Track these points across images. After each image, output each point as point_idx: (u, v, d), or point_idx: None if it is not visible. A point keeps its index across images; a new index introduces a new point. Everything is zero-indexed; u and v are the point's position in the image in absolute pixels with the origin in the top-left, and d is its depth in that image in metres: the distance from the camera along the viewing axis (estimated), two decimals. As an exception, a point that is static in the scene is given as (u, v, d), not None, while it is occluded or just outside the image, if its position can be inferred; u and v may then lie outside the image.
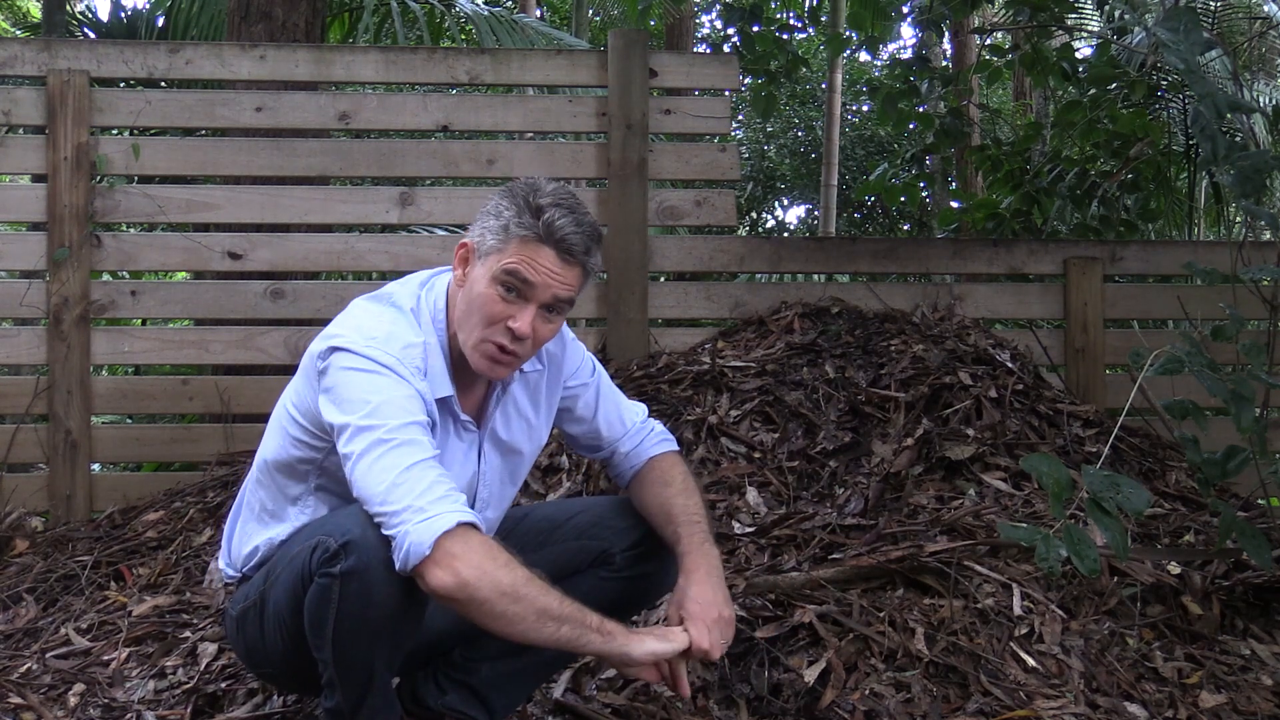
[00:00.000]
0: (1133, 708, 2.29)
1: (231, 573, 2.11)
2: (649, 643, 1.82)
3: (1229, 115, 2.86)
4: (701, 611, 1.90)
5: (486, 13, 6.87)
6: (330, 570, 1.78)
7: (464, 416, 1.98)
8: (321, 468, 1.95)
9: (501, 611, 1.71)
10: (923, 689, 2.28)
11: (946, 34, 7.52)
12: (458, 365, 1.96)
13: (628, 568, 2.10)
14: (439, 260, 3.69)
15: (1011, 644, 2.43)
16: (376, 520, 1.76)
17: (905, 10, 5.72)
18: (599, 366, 2.21)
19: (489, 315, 1.87)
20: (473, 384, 2.02)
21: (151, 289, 4.00)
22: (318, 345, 1.91)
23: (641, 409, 2.24)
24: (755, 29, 5.18)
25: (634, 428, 2.19)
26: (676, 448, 2.22)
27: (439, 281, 2.01)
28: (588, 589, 2.09)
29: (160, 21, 6.66)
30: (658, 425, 2.23)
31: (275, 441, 2.01)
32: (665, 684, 1.90)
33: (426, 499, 1.73)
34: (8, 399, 3.78)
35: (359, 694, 1.88)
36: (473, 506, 2.04)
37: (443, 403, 1.93)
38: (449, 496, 1.75)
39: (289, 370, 2.14)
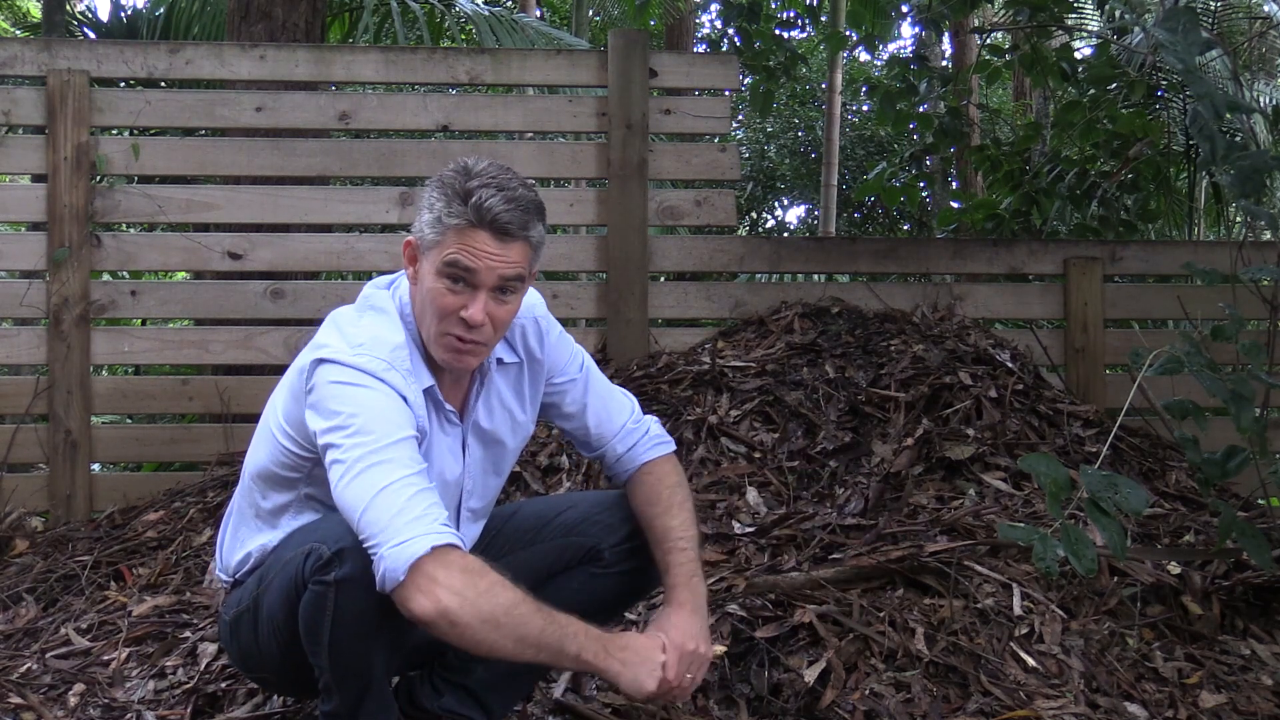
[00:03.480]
0: (1133, 708, 2.29)
1: (225, 578, 2.11)
2: (625, 677, 1.81)
3: (1229, 115, 2.86)
4: (680, 639, 1.89)
5: (486, 13, 6.86)
6: (324, 578, 1.78)
7: (448, 407, 1.98)
8: (310, 477, 1.95)
9: (482, 639, 1.70)
10: (923, 689, 2.28)
11: (946, 33, 7.52)
12: (432, 359, 1.96)
13: (617, 564, 2.09)
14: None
15: (1011, 644, 2.44)
16: (355, 529, 1.75)
17: (905, 9, 5.72)
18: (589, 361, 2.18)
19: (441, 309, 1.87)
20: (456, 378, 2.02)
21: (151, 289, 4.00)
22: (305, 357, 1.90)
23: (631, 404, 2.20)
24: (754, 26, 5.18)
25: (624, 429, 2.16)
26: (671, 448, 2.19)
27: (403, 280, 2.01)
28: (578, 586, 2.09)
29: (160, 21, 6.66)
30: (653, 425, 2.19)
31: (264, 451, 2.01)
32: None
33: (401, 520, 1.70)
34: (8, 399, 3.78)
35: (357, 698, 1.88)
36: (459, 498, 2.05)
37: (426, 393, 1.93)
38: (425, 516, 1.73)
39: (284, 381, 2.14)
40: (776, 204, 12.82)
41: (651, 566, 2.10)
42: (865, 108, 11.30)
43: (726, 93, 4.26)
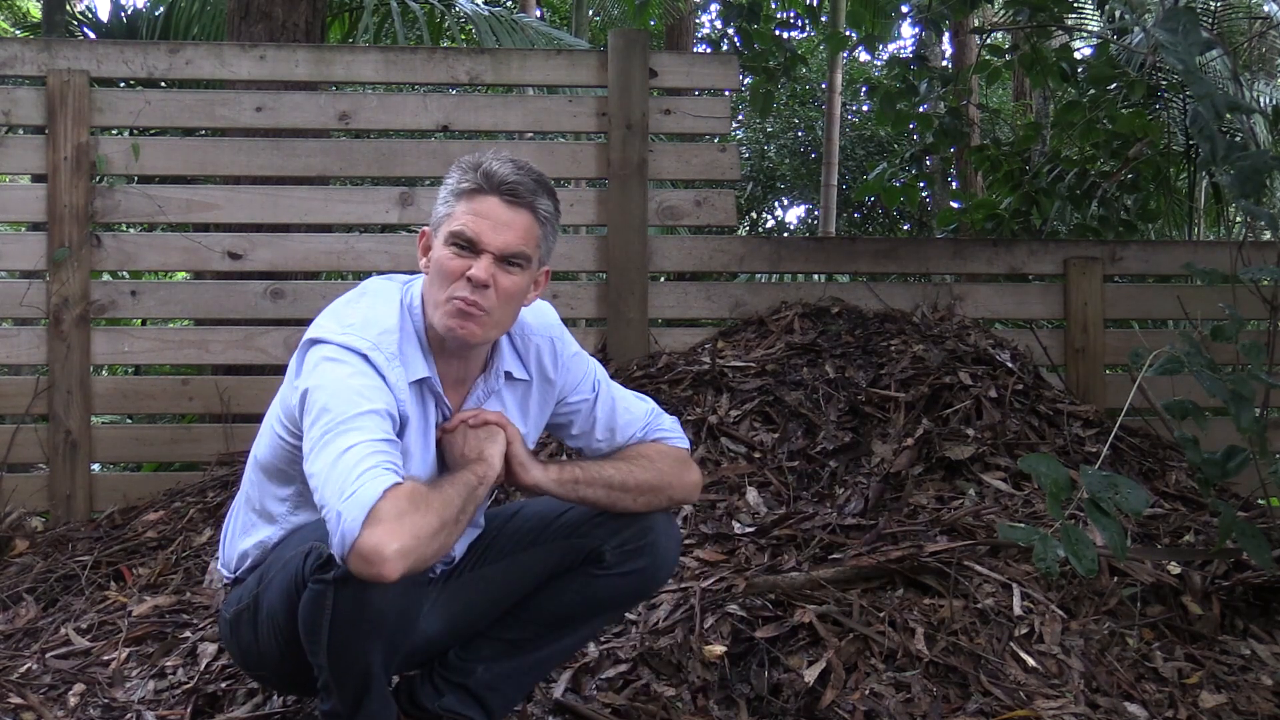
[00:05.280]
0: (1133, 708, 2.29)
1: (227, 574, 2.12)
2: (495, 453, 1.92)
3: (1229, 115, 2.86)
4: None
5: (486, 13, 6.86)
6: (323, 577, 1.78)
7: (447, 402, 1.99)
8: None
9: (439, 548, 1.73)
10: (923, 689, 2.28)
11: (946, 34, 7.52)
12: (437, 352, 1.97)
13: (618, 564, 2.09)
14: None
15: (1011, 644, 2.44)
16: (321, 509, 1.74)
17: (905, 9, 5.72)
18: (601, 375, 2.17)
19: (447, 273, 1.89)
20: (461, 377, 2.02)
21: (151, 289, 4.00)
22: (302, 340, 1.94)
23: (645, 412, 2.17)
24: (754, 27, 5.18)
25: (633, 439, 2.14)
26: (682, 442, 2.17)
27: (417, 280, 2.03)
28: (579, 587, 2.09)
29: (160, 21, 6.66)
30: (667, 422, 2.17)
31: (265, 442, 2.02)
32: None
33: (354, 482, 1.69)
34: (8, 399, 3.78)
35: (356, 697, 1.88)
36: None
37: (421, 384, 1.94)
38: (375, 472, 1.70)
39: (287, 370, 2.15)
40: (776, 204, 12.83)
41: (653, 567, 2.10)
42: (865, 108, 11.30)
43: (726, 93, 4.26)
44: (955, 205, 7.53)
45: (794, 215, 13.31)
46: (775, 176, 11.83)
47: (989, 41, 6.35)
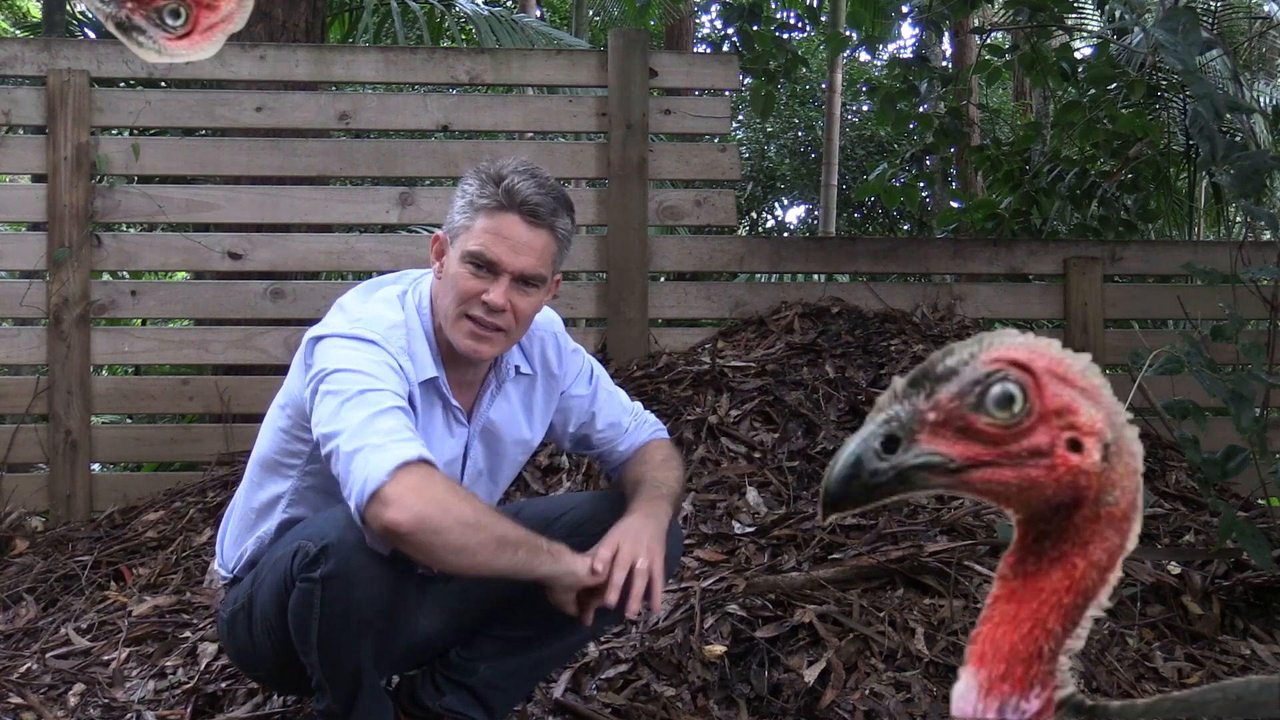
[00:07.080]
0: (1132, 708, 2.29)
1: (224, 574, 2.12)
2: (585, 563, 1.81)
3: (1229, 115, 2.86)
4: (615, 535, 1.86)
5: (486, 13, 6.85)
6: (310, 575, 1.78)
7: (455, 404, 1.99)
8: (308, 462, 1.95)
9: (462, 543, 1.68)
10: (923, 689, 2.28)
11: (946, 34, 7.52)
12: (446, 356, 1.97)
13: None
14: (439, 260, 3.69)
15: (1011, 644, 2.43)
16: (330, 455, 1.74)
17: (905, 9, 5.72)
18: (598, 369, 2.21)
19: (463, 293, 1.89)
20: (468, 379, 2.02)
21: (151, 289, 4.00)
22: (305, 338, 1.94)
23: (634, 406, 2.24)
24: (754, 28, 5.18)
25: (631, 427, 2.20)
26: (666, 436, 2.23)
27: (425, 279, 2.03)
28: None
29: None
30: (650, 417, 2.24)
31: (265, 438, 2.03)
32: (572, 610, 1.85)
33: (390, 438, 1.71)
34: (8, 399, 3.78)
35: (349, 695, 1.88)
36: None
37: (429, 385, 1.94)
38: (414, 440, 1.74)
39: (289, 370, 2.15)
40: (776, 204, 12.82)
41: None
42: (865, 108, 11.30)
43: (726, 93, 4.26)
44: (955, 205, 7.52)
45: (794, 215, 13.32)
46: (775, 176, 11.83)
47: (989, 41, 6.36)
